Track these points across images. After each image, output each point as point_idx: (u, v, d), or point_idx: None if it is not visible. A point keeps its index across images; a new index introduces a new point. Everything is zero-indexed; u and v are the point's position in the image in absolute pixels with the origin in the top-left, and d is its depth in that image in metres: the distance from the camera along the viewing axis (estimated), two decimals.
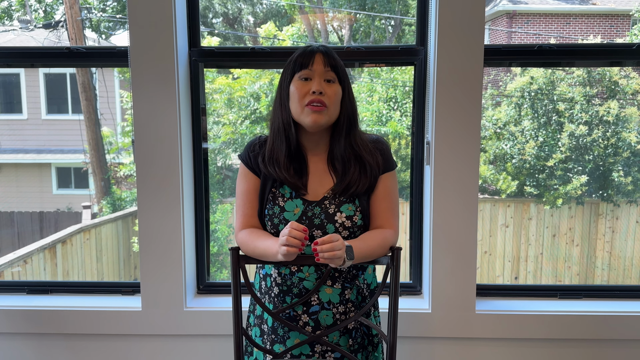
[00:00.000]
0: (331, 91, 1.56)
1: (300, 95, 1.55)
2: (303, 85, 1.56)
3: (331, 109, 1.56)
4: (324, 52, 1.58)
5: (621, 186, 5.39)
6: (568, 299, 2.27)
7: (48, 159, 8.11)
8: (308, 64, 1.56)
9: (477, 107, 2.06)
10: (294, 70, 1.58)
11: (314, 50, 1.58)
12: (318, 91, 1.54)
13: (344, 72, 1.60)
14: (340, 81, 1.58)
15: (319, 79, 1.56)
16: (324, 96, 1.55)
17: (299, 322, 1.62)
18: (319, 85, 1.55)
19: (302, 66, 1.56)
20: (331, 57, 1.58)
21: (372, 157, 1.63)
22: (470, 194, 2.09)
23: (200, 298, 2.28)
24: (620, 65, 4.91)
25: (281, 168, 1.60)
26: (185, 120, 2.18)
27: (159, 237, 2.15)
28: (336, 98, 1.57)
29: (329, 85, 1.56)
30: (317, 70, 1.56)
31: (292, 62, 1.58)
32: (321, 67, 1.56)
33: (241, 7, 7.13)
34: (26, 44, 6.91)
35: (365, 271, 1.68)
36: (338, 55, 1.62)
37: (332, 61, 1.57)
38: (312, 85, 1.55)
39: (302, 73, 1.56)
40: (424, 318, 2.15)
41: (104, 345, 2.22)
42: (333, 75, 1.57)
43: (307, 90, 1.55)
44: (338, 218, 1.59)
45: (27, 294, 2.34)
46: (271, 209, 1.62)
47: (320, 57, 1.56)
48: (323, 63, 1.56)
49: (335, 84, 1.58)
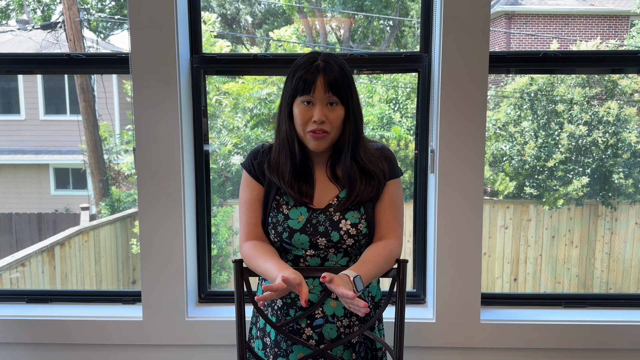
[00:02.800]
0: (333, 116, 1.53)
1: (302, 121, 1.53)
2: (305, 110, 1.53)
3: (332, 133, 1.54)
4: (325, 71, 1.51)
5: (622, 188, 5.38)
6: (573, 308, 2.25)
7: (46, 160, 8.08)
8: (310, 89, 1.51)
9: (482, 115, 2.04)
10: (296, 91, 1.53)
11: (316, 69, 1.52)
12: (319, 120, 1.51)
13: (348, 91, 1.54)
14: (343, 102, 1.54)
15: (320, 105, 1.52)
16: (325, 124, 1.52)
17: (303, 335, 1.60)
18: (320, 114, 1.51)
19: (304, 91, 1.52)
20: (333, 77, 1.51)
21: (378, 167, 1.61)
22: (475, 203, 2.07)
23: (202, 307, 2.26)
24: (621, 72, 4.91)
25: (286, 183, 1.58)
26: (187, 127, 2.15)
27: (160, 245, 2.13)
28: (338, 121, 1.54)
29: (331, 110, 1.53)
30: (318, 97, 1.51)
31: (295, 80, 1.53)
32: (322, 94, 1.51)
33: (239, 7, 7.09)
34: (24, 44, 6.87)
35: (369, 284, 1.66)
36: (343, 60, 1.57)
37: (334, 83, 1.51)
38: (313, 112, 1.52)
39: (304, 98, 1.52)
40: (428, 328, 2.13)
41: (104, 356, 2.20)
42: (335, 99, 1.52)
43: (309, 117, 1.52)
44: (343, 226, 1.57)
45: (27, 302, 2.31)
46: (275, 217, 1.60)
47: (321, 81, 1.51)
48: (324, 89, 1.51)
49: (338, 107, 1.53)
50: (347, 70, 1.56)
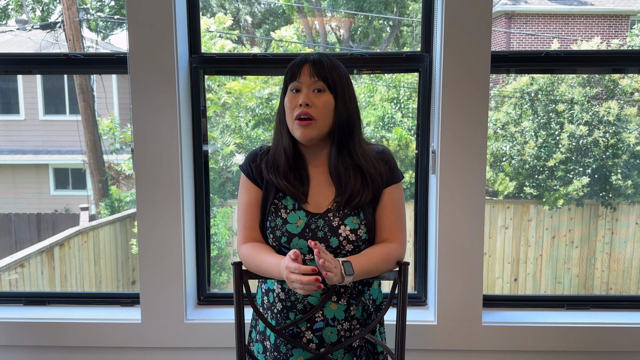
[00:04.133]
0: (320, 102, 1.51)
1: (290, 108, 1.53)
2: (293, 97, 1.53)
3: (320, 120, 1.52)
4: (313, 61, 1.53)
5: (622, 188, 5.37)
6: (575, 310, 2.24)
7: (45, 160, 8.07)
8: (296, 75, 1.53)
9: (484, 115, 2.02)
10: (287, 83, 1.55)
11: (304, 60, 1.54)
12: (304, 103, 1.50)
13: (338, 80, 1.53)
14: (331, 90, 1.53)
15: (307, 90, 1.52)
16: (311, 108, 1.50)
17: (303, 339, 1.58)
18: (305, 97, 1.50)
19: (292, 78, 1.54)
20: (321, 66, 1.52)
21: (374, 168, 1.58)
22: (476, 204, 2.06)
23: (201, 309, 2.24)
24: (622, 72, 4.89)
25: (280, 175, 1.57)
26: (186, 127, 2.14)
27: (159, 246, 2.11)
28: (326, 109, 1.52)
29: (318, 96, 1.52)
30: (304, 81, 1.52)
31: (286, 73, 1.56)
32: (307, 78, 1.51)
33: (239, 7, 7.08)
34: (24, 44, 6.86)
35: (371, 287, 1.64)
36: (338, 61, 1.57)
37: (321, 71, 1.52)
38: (299, 97, 1.52)
39: (292, 85, 1.53)
40: (429, 330, 2.11)
41: (102, 358, 2.18)
42: (322, 85, 1.52)
43: (296, 103, 1.52)
44: (342, 231, 1.55)
45: (25, 305, 2.29)
46: (273, 221, 1.58)
47: (307, 67, 1.52)
48: (309, 74, 1.51)
49: (326, 94, 1.52)
50: (338, 65, 1.56)
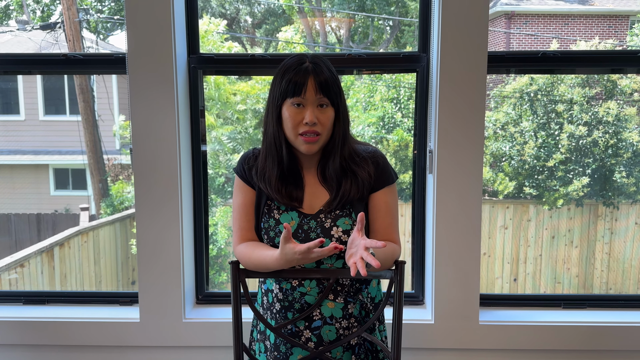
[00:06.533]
0: (325, 118, 1.51)
1: (293, 124, 1.51)
2: (296, 113, 1.50)
3: (324, 134, 1.53)
4: (315, 73, 1.50)
5: (622, 188, 5.37)
6: (572, 309, 2.24)
7: (46, 160, 8.07)
8: (300, 91, 1.49)
9: (481, 116, 2.03)
10: (286, 93, 1.51)
11: (306, 71, 1.50)
12: (311, 122, 1.49)
13: (338, 92, 1.53)
14: (333, 103, 1.53)
15: (312, 107, 1.50)
16: (317, 126, 1.50)
17: (301, 338, 1.59)
18: (312, 115, 1.49)
19: (295, 93, 1.49)
20: (323, 78, 1.50)
21: (363, 168, 1.58)
22: (473, 204, 2.06)
23: (200, 308, 2.25)
24: (621, 72, 4.90)
25: (273, 189, 1.57)
26: (184, 127, 2.14)
27: (158, 246, 2.12)
28: (329, 123, 1.53)
29: (322, 111, 1.51)
30: (309, 98, 1.50)
31: (285, 82, 1.51)
32: (313, 95, 1.49)
33: (239, 7, 7.09)
34: (24, 45, 6.86)
35: (369, 285, 1.65)
36: (333, 64, 1.57)
37: (325, 85, 1.50)
38: (305, 114, 1.50)
39: (294, 100, 1.50)
40: (426, 329, 2.12)
41: (101, 357, 2.19)
42: (326, 101, 1.51)
43: (300, 120, 1.50)
44: (334, 232, 1.56)
45: (24, 304, 2.30)
46: (266, 222, 1.59)
47: (312, 82, 1.49)
48: (315, 90, 1.49)
49: (328, 108, 1.52)
50: (335, 73, 1.55)
